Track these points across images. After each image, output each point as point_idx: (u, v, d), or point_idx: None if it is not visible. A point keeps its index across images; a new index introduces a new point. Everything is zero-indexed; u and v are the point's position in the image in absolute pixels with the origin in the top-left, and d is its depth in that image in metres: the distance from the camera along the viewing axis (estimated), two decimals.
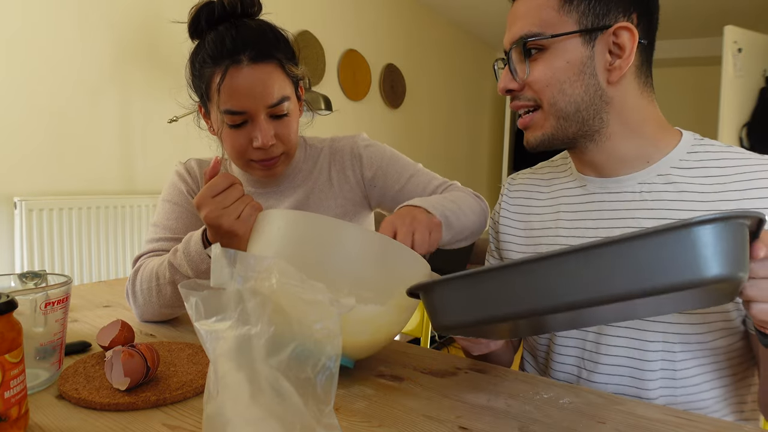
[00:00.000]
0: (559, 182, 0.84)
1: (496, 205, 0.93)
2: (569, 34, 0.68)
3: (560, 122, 0.71)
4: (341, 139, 1.06)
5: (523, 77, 0.71)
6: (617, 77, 0.69)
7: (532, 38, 0.69)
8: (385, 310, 0.62)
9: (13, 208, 1.78)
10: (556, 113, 0.71)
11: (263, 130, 0.87)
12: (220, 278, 0.45)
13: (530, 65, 0.70)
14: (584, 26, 0.68)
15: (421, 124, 4.17)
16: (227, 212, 0.74)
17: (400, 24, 3.81)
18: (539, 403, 0.62)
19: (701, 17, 4.13)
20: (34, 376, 0.62)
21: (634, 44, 0.67)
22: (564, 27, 0.68)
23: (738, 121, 3.27)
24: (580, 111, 0.70)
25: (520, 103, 0.73)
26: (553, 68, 0.69)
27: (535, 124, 0.73)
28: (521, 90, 0.72)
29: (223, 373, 0.40)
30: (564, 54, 0.68)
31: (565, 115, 0.71)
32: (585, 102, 0.70)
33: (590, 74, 0.69)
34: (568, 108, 0.70)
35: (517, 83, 0.72)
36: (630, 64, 0.68)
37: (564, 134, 0.72)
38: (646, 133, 0.72)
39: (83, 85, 1.96)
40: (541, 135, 0.73)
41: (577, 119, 0.71)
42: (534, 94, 0.71)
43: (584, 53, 0.68)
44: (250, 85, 0.84)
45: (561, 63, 0.68)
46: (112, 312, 0.98)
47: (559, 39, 0.68)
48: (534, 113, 0.73)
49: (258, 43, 0.85)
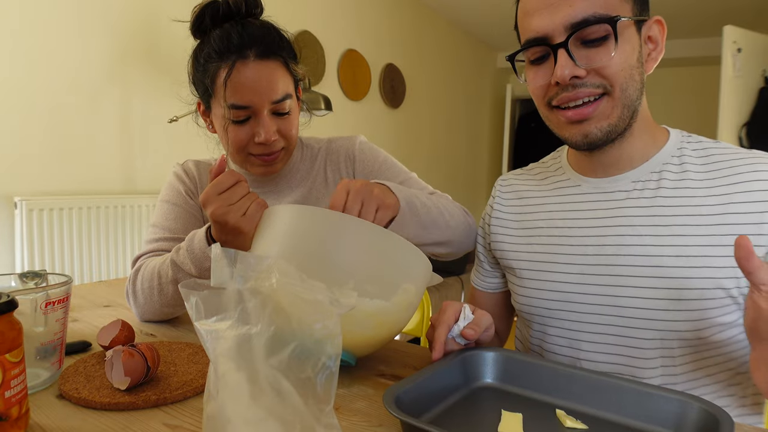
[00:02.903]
0: (552, 182, 0.84)
1: (487, 208, 0.93)
2: (633, 20, 0.66)
3: (624, 111, 0.68)
4: (338, 140, 1.07)
5: (593, 62, 0.66)
6: (651, 68, 0.70)
7: (601, 22, 0.64)
8: (388, 305, 0.62)
9: (14, 208, 1.78)
10: (625, 100, 0.67)
11: (266, 126, 0.88)
12: (220, 278, 0.45)
13: (599, 50, 0.66)
14: (636, 14, 0.67)
15: (421, 124, 4.17)
16: (233, 209, 0.74)
17: (400, 24, 3.81)
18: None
19: (701, 17, 4.13)
20: (35, 375, 0.62)
21: (664, 36, 0.69)
22: (626, 12, 0.66)
23: (737, 121, 3.27)
24: (638, 99, 0.69)
25: (586, 90, 0.67)
26: (625, 52, 0.66)
27: (600, 113, 0.68)
28: (586, 77, 0.67)
29: (223, 372, 0.41)
30: (629, 39, 0.67)
31: (630, 103, 0.68)
32: (640, 91, 0.69)
33: (642, 62, 0.69)
34: (634, 95, 0.68)
35: (583, 69, 0.66)
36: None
37: (623, 126, 0.69)
38: (651, 132, 0.74)
39: (83, 85, 1.96)
40: (607, 126, 0.68)
41: (633, 110, 0.69)
42: (603, 80, 0.67)
43: (638, 41, 0.68)
44: (256, 80, 0.85)
45: (629, 48, 0.67)
46: (112, 312, 0.98)
47: (628, 23, 0.66)
48: (599, 101, 0.68)
49: (264, 40, 0.87)
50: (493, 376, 0.66)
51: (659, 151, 0.73)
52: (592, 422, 0.56)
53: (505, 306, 0.94)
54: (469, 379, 0.65)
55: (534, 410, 0.59)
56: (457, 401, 0.61)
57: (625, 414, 0.57)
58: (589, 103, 0.68)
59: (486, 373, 0.66)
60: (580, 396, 0.60)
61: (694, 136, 0.75)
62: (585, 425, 0.56)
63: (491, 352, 0.67)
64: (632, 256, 0.71)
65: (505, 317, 0.95)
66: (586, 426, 0.56)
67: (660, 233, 0.69)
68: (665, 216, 0.70)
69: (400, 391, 0.55)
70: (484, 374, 0.66)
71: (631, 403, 0.57)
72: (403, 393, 0.55)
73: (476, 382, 0.66)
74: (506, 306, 0.94)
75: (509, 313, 0.95)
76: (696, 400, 0.54)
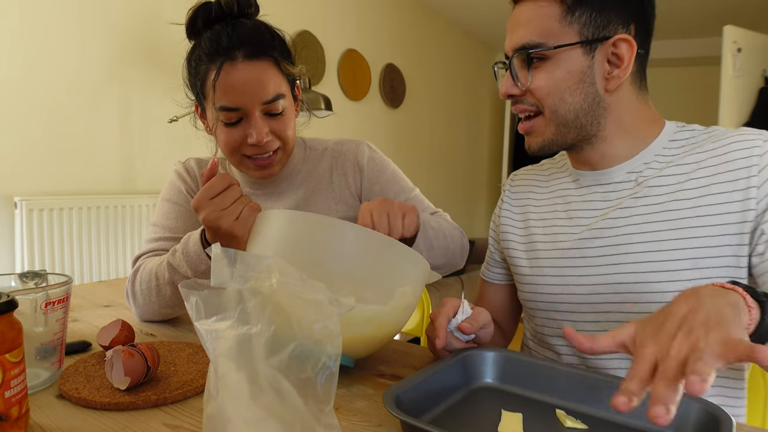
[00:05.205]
0: (557, 178, 0.87)
1: (499, 201, 0.96)
2: (571, 45, 0.70)
3: (560, 129, 0.74)
4: (346, 143, 1.06)
5: (526, 84, 0.73)
6: (615, 86, 0.72)
7: (534, 48, 0.71)
8: (385, 309, 0.62)
9: (14, 208, 1.78)
10: (557, 120, 0.73)
11: (258, 127, 0.86)
12: (220, 278, 0.45)
13: (532, 73, 0.72)
14: (585, 37, 0.70)
15: (421, 124, 4.17)
16: (226, 214, 0.73)
17: (400, 24, 3.81)
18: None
19: (701, 17, 4.13)
20: (35, 375, 0.62)
21: (632, 55, 0.70)
22: (566, 37, 0.70)
23: (737, 121, 3.27)
24: (579, 118, 0.73)
25: (522, 107, 0.76)
26: (555, 77, 0.71)
27: (535, 130, 0.76)
28: (523, 95, 0.75)
29: (223, 372, 0.41)
30: (565, 64, 0.71)
31: (565, 122, 0.73)
32: (584, 109, 0.73)
33: (589, 83, 0.71)
34: (568, 115, 0.73)
35: (519, 89, 0.74)
36: (628, 74, 0.71)
37: (563, 140, 0.75)
38: (639, 131, 0.76)
39: (83, 85, 1.96)
40: (541, 141, 0.76)
41: (576, 125, 0.74)
42: (536, 101, 0.74)
43: (584, 63, 0.71)
44: (245, 81, 0.84)
45: (562, 72, 0.71)
46: (112, 312, 0.98)
47: (562, 49, 0.70)
48: (535, 119, 0.75)
49: (253, 41, 0.86)
50: (493, 376, 0.66)
51: (652, 143, 0.76)
52: (592, 422, 0.56)
53: (511, 300, 0.95)
54: (469, 379, 0.65)
55: (534, 410, 0.59)
56: (457, 401, 0.61)
57: (625, 414, 0.57)
58: (528, 119, 0.76)
59: (486, 373, 0.67)
60: (580, 396, 0.60)
61: (688, 125, 0.77)
62: (585, 425, 0.56)
63: (491, 352, 0.67)
64: (630, 245, 0.72)
65: (511, 312, 0.97)
66: (586, 426, 0.56)
67: (656, 219, 0.71)
68: (659, 203, 0.72)
69: (400, 391, 0.55)
70: (484, 374, 0.66)
71: None
72: (403, 393, 0.55)
73: (476, 382, 0.66)
74: (513, 300, 0.95)
75: (516, 309, 0.96)
76: (696, 400, 0.54)
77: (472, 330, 0.68)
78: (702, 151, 0.72)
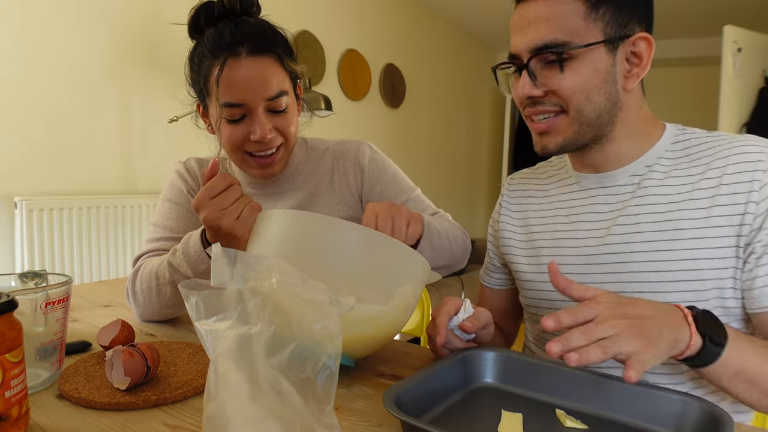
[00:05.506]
0: (556, 181, 0.86)
1: (496, 206, 0.95)
2: (597, 44, 0.68)
3: (582, 128, 0.73)
4: (347, 143, 1.06)
5: (549, 84, 0.70)
6: (633, 84, 0.71)
7: (558, 47, 0.68)
8: (386, 309, 0.62)
9: (14, 208, 1.78)
10: (581, 119, 0.72)
11: (261, 123, 0.86)
12: (220, 278, 0.45)
13: (556, 72, 0.70)
14: (608, 35, 0.69)
15: (421, 124, 4.17)
16: (226, 213, 0.73)
17: (400, 24, 3.80)
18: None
19: (701, 17, 4.13)
20: (35, 375, 0.62)
21: (651, 53, 0.70)
22: (591, 35, 0.68)
23: (737, 121, 3.27)
24: (601, 117, 0.72)
25: (543, 108, 0.73)
26: (582, 76, 0.69)
27: (556, 129, 0.73)
28: (544, 96, 0.72)
29: (223, 372, 0.41)
30: (592, 62, 0.69)
31: (588, 122, 0.72)
32: (606, 108, 0.72)
33: (612, 82, 0.71)
34: (591, 114, 0.72)
35: (540, 90, 0.71)
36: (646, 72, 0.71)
37: (582, 140, 0.74)
38: (642, 132, 0.76)
39: (83, 85, 1.96)
40: (562, 140, 0.74)
41: (596, 125, 0.73)
42: (560, 101, 0.71)
43: (608, 62, 0.70)
44: (248, 77, 0.84)
45: (589, 71, 0.69)
46: (112, 312, 0.98)
47: (588, 48, 0.68)
48: (555, 118, 0.73)
49: (256, 37, 0.86)
50: (493, 376, 0.66)
51: (653, 146, 0.76)
52: (592, 422, 0.56)
53: (512, 304, 0.95)
54: (469, 379, 0.65)
55: (534, 410, 0.59)
56: (457, 401, 0.61)
57: (625, 414, 0.57)
58: (546, 119, 0.73)
59: (486, 373, 0.67)
60: (580, 396, 0.60)
61: (689, 129, 0.77)
62: (585, 425, 0.56)
63: (491, 352, 0.67)
64: (635, 253, 0.72)
65: (512, 315, 0.96)
66: (586, 426, 0.56)
67: (661, 229, 0.71)
68: (664, 212, 0.72)
69: (400, 391, 0.55)
70: (484, 374, 0.66)
71: (631, 403, 0.57)
72: (403, 393, 0.55)
73: (476, 382, 0.66)
74: (514, 304, 0.95)
75: (517, 312, 0.96)
76: (696, 400, 0.54)
77: (474, 329, 0.68)
78: (707, 159, 0.72)
